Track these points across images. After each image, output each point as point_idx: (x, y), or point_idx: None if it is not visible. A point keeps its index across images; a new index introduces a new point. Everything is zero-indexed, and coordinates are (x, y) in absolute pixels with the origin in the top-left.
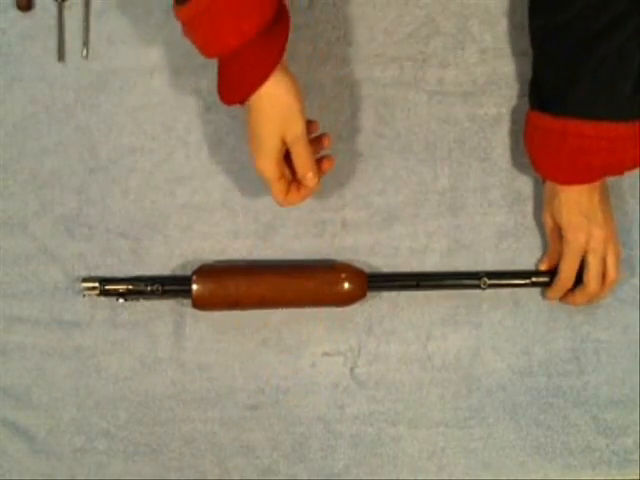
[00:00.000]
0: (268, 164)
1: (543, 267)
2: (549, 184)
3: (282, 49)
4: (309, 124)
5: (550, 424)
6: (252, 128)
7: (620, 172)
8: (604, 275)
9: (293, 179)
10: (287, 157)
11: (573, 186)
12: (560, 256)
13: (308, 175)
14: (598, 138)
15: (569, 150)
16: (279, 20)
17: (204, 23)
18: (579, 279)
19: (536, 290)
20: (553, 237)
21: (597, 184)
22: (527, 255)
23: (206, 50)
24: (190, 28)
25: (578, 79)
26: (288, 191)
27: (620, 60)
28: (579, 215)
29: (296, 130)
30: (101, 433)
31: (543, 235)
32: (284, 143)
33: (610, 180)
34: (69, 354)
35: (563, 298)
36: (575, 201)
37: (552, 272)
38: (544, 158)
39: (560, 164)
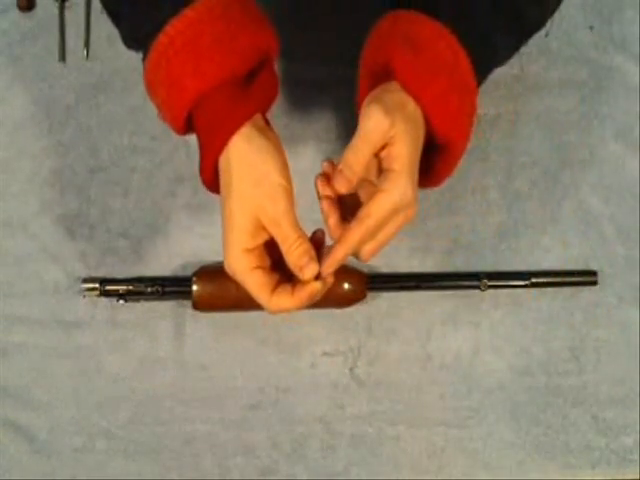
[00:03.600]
0: (236, 252)
1: (345, 187)
2: (399, 94)
3: (257, 105)
4: (315, 234)
5: (550, 423)
6: (221, 203)
7: (453, 144)
8: None
9: (283, 278)
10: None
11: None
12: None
13: (302, 262)
14: (466, 71)
15: (437, 53)
16: (258, 78)
17: (165, 67)
18: None
19: (536, 289)
20: (372, 145)
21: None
22: (526, 255)
23: (172, 107)
24: (155, 81)
25: None
26: (274, 289)
27: None
28: (414, 165)
29: (278, 207)
30: (101, 433)
31: (542, 234)
32: (258, 224)
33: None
34: (69, 354)
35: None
36: (418, 138)
37: (553, 272)
38: (405, 46)
39: (421, 60)
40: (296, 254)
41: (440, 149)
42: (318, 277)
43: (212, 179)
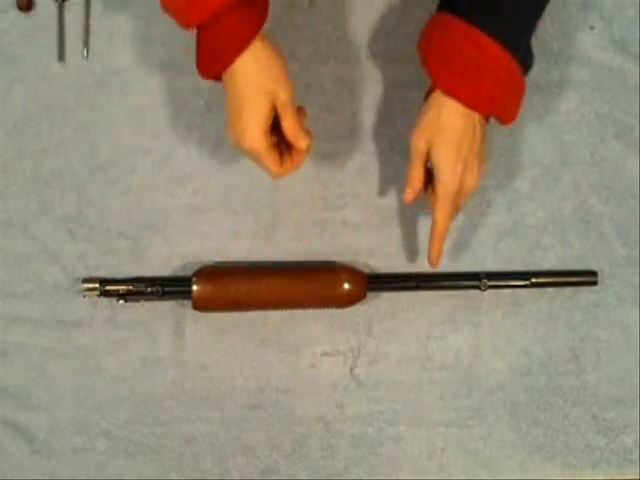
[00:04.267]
0: (258, 133)
1: (409, 198)
2: (436, 105)
3: (265, 13)
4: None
5: (550, 423)
6: (236, 97)
7: (502, 114)
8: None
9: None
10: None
11: (460, 110)
12: (434, 203)
13: (301, 136)
14: (495, 60)
15: (465, 56)
16: None
17: None
18: None
19: (536, 290)
20: (417, 163)
21: (482, 123)
22: (526, 255)
23: (189, 15)
24: None
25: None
26: (282, 161)
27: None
28: (458, 159)
29: (286, 92)
30: (101, 433)
31: (542, 235)
32: (272, 109)
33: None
34: (69, 354)
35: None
36: (460, 136)
37: (553, 273)
38: (437, 56)
39: (452, 67)
40: (296, 125)
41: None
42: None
43: (218, 74)
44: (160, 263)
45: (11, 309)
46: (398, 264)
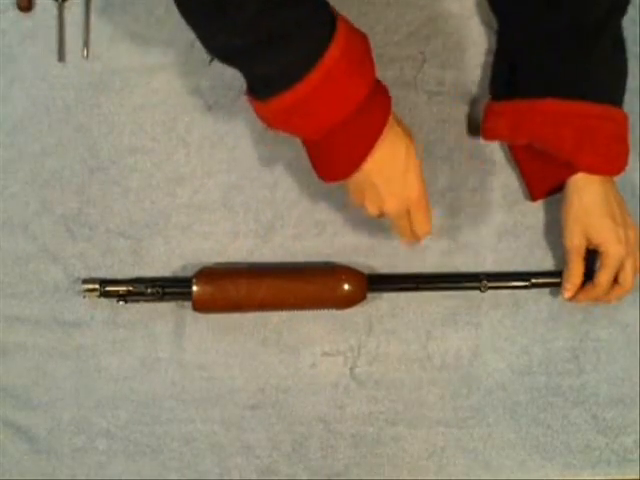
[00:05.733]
0: (420, 180)
1: (568, 295)
2: (572, 199)
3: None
4: None
5: (550, 423)
6: (385, 169)
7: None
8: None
9: None
10: None
11: (598, 180)
12: (599, 267)
13: None
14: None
15: (608, 135)
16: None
17: (321, 96)
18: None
19: (536, 290)
20: (576, 257)
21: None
22: (527, 255)
23: (316, 124)
24: (295, 112)
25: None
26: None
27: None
28: (615, 227)
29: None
30: (101, 433)
31: (542, 235)
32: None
33: None
34: (69, 354)
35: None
36: (606, 206)
37: (553, 273)
38: (587, 149)
39: (603, 151)
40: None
41: None
42: None
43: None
44: (160, 264)
45: (11, 309)
46: (398, 264)
